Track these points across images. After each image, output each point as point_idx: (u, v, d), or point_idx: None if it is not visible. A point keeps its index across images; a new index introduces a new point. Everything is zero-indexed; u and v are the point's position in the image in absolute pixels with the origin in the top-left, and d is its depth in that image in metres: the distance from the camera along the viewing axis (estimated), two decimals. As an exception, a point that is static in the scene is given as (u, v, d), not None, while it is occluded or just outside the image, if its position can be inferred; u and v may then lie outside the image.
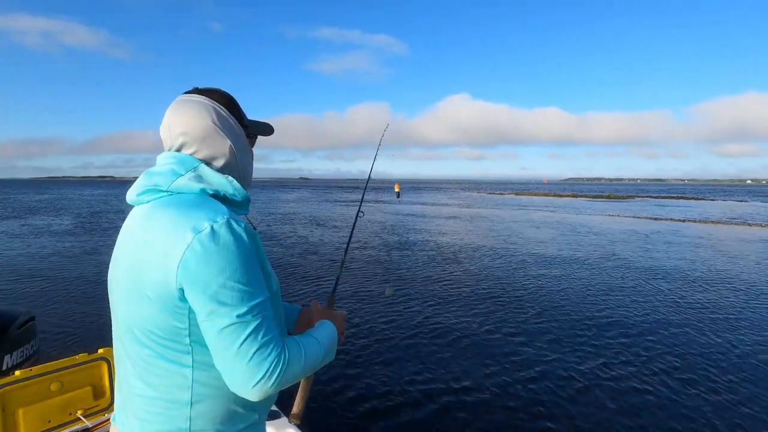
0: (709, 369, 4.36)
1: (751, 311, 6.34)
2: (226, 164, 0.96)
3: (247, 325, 0.79)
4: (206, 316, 0.79)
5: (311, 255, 10.81)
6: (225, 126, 0.95)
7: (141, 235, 0.85)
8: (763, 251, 12.11)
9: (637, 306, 6.50)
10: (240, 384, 0.79)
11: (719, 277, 8.66)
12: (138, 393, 0.88)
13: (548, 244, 12.96)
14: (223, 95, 0.98)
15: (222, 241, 0.79)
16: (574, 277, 8.42)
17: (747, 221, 21.41)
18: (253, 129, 1.05)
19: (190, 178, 0.89)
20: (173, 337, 0.83)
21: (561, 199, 43.52)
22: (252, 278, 0.81)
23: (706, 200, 44.69)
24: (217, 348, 0.79)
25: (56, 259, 10.11)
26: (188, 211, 0.83)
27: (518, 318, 5.90)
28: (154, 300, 0.81)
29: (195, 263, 0.78)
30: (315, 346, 0.93)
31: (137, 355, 0.86)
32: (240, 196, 0.95)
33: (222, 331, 0.78)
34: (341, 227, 17.47)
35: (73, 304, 6.44)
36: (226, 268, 0.78)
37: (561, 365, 4.40)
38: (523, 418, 3.46)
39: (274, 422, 1.86)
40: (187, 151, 0.93)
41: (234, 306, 0.78)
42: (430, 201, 40.37)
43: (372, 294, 7.03)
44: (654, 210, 28.77)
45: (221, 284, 0.78)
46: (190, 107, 0.93)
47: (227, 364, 0.79)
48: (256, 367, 0.78)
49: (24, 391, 1.78)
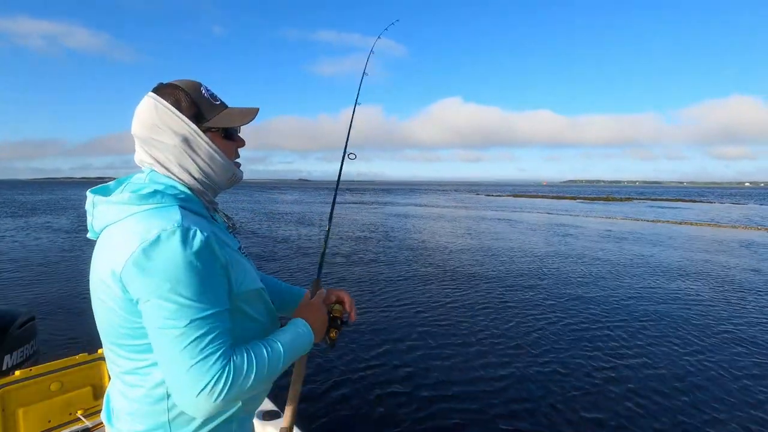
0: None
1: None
2: (179, 164, 0.90)
3: (190, 334, 0.76)
4: (150, 328, 0.78)
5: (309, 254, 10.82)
6: (166, 122, 0.88)
7: (104, 245, 0.85)
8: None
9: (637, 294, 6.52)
10: (181, 395, 0.77)
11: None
12: (120, 392, 0.90)
13: (556, 248, 12.97)
14: (173, 89, 0.91)
15: (167, 251, 0.76)
16: (601, 287, 8.43)
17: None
18: (217, 122, 0.94)
19: (141, 191, 0.85)
20: (139, 336, 0.82)
21: (561, 202, 43.51)
22: (200, 289, 0.78)
23: (712, 203, 44.74)
24: (161, 357, 0.78)
25: (56, 259, 10.11)
26: (143, 219, 0.81)
27: (532, 319, 5.92)
28: (112, 305, 0.82)
29: (136, 273, 0.76)
30: (275, 354, 0.88)
31: (114, 354, 0.88)
32: (189, 195, 0.91)
33: (162, 342, 0.77)
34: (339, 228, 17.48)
35: (73, 304, 6.43)
36: (169, 279, 0.75)
37: (567, 366, 4.41)
38: (523, 416, 3.48)
39: (274, 422, 1.86)
40: (140, 150, 0.92)
41: (174, 318, 0.76)
42: (430, 203, 40.35)
43: (373, 294, 7.04)
44: (672, 213, 28.75)
45: (162, 296, 0.76)
46: (139, 106, 0.91)
47: (170, 374, 0.78)
48: (195, 380, 0.75)
49: (24, 391, 1.78)
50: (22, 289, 7.42)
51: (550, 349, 4.90)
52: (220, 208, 1.02)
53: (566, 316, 6.11)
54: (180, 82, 0.93)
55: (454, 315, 6.10)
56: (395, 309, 6.34)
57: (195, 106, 0.91)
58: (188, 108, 0.90)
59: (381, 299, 6.86)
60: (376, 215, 24.01)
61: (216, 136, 0.94)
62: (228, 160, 0.96)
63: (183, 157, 0.90)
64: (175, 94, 0.90)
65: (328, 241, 1.40)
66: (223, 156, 0.95)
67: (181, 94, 0.91)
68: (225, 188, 1.01)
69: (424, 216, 24.46)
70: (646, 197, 57.64)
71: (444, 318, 5.95)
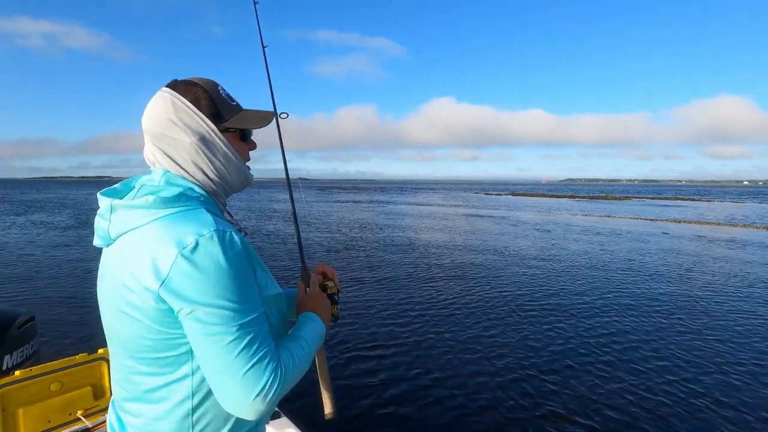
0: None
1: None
2: (193, 163, 0.87)
3: (241, 340, 0.75)
4: (197, 336, 0.75)
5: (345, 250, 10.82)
6: (183, 120, 0.85)
7: (125, 252, 0.80)
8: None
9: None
10: (233, 400, 0.75)
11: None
12: (136, 412, 0.85)
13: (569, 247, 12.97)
14: (191, 86, 0.88)
15: (209, 257, 0.74)
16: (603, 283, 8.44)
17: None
18: (234, 123, 0.92)
19: (164, 194, 0.81)
20: (168, 348, 0.79)
21: (559, 200, 43.49)
22: (243, 293, 0.77)
23: (711, 201, 44.71)
24: (210, 365, 0.75)
25: (56, 258, 10.09)
26: (172, 224, 0.77)
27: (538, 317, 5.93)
28: (139, 316, 0.77)
29: (181, 282, 0.73)
30: (304, 349, 0.89)
31: (134, 370, 0.83)
32: (206, 197, 0.88)
33: (213, 350, 0.74)
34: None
35: (73, 304, 6.42)
36: (215, 286, 0.73)
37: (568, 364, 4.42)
38: (523, 415, 3.48)
39: (274, 422, 1.87)
40: (152, 148, 0.88)
41: (224, 324, 0.74)
42: (430, 202, 40.33)
43: (374, 295, 7.05)
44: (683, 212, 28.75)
45: (210, 303, 0.73)
46: (152, 101, 0.88)
47: (221, 381, 0.75)
48: (251, 384, 0.74)
49: (24, 391, 1.77)
50: (22, 288, 7.42)
51: (545, 346, 4.92)
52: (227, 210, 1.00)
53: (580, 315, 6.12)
54: (198, 80, 0.90)
55: (462, 310, 6.12)
56: (401, 304, 6.35)
57: (213, 105, 0.89)
58: (207, 107, 0.88)
59: (390, 304, 6.86)
60: (382, 215, 23.97)
61: (233, 137, 0.93)
62: (242, 162, 0.94)
63: (199, 156, 0.87)
64: (194, 91, 0.88)
65: (300, 226, 1.39)
66: (239, 157, 0.93)
67: (200, 92, 0.88)
68: (237, 190, 0.98)
69: (429, 215, 24.42)
70: (645, 195, 57.60)
71: (453, 312, 5.96)
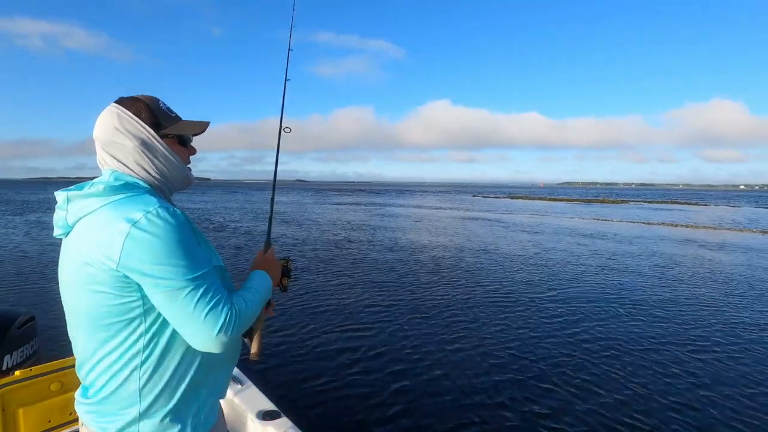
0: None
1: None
2: (137, 163, 1.02)
3: (196, 291, 0.91)
4: (159, 294, 0.89)
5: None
6: (126, 127, 1.01)
7: (83, 235, 0.95)
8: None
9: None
10: (201, 339, 0.92)
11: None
12: (100, 372, 0.97)
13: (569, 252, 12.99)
14: (134, 101, 1.04)
15: (156, 227, 0.89)
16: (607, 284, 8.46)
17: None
18: (172, 130, 1.08)
19: (113, 184, 0.97)
20: (127, 311, 0.92)
21: (559, 204, 43.51)
22: (191, 254, 0.92)
23: (707, 205, 44.80)
24: (175, 314, 0.91)
25: (56, 259, 10.02)
26: (122, 206, 0.92)
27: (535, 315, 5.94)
28: (101, 288, 0.91)
29: (135, 250, 0.87)
30: (254, 295, 1.07)
31: (97, 339, 0.96)
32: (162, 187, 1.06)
33: (176, 301, 0.90)
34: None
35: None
36: (164, 249, 0.89)
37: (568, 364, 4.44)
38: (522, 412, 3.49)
39: (274, 422, 1.87)
40: (102, 153, 1.03)
41: (178, 280, 0.89)
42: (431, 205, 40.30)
43: (368, 292, 7.06)
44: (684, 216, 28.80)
45: (165, 264, 0.88)
46: (102, 114, 1.03)
47: (187, 325, 0.91)
48: (211, 324, 0.91)
49: (24, 391, 1.77)
50: (22, 288, 7.40)
51: (542, 344, 4.94)
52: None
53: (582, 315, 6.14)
54: (141, 96, 1.06)
55: (456, 309, 6.13)
56: (389, 301, 6.36)
57: (153, 115, 1.05)
58: (148, 117, 1.03)
59: (374, 294, 6.87)
60: (383, 218, 23.96)
61: (172, 141, 1.09)
62: (182, 163, 1.11)
63: (141, 158, 1.02)
64: (136, 105, 1.04)
65: (273, 207, 1.60)
66: (178, 159, 1.09)
67: (141, 105, 1.04)
68: (179, 189, 1.14)
69: (426, 217, 24.43)
70: (643, 199, 57.72)
71: (445, 311, 5.98)
